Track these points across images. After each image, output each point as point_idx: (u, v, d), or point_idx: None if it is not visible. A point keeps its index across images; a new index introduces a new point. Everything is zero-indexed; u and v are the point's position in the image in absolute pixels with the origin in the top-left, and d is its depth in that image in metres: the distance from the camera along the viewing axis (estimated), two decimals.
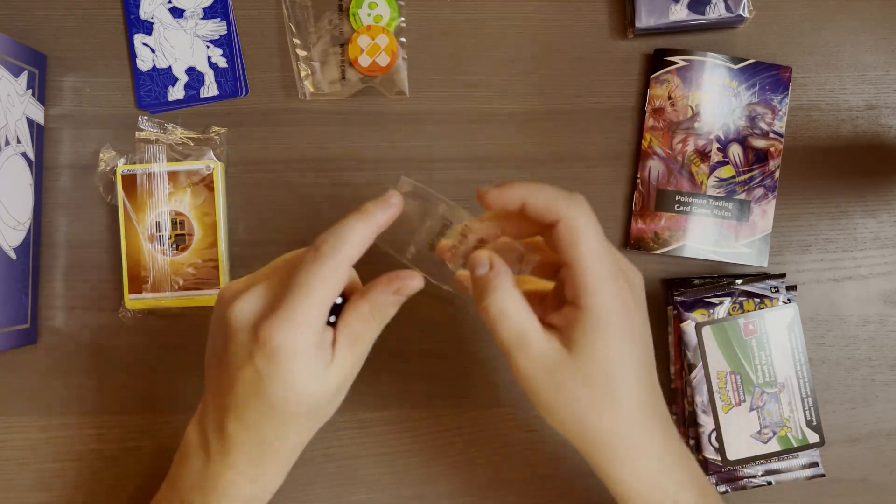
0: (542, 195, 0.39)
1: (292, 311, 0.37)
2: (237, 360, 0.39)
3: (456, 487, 0.54)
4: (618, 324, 0.38)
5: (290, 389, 0.38)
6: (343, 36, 0.55)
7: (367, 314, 0.40)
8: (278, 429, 0.40)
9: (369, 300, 0.40)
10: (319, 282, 0.38)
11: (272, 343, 0.37)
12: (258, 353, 0.37)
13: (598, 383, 0.38)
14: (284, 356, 0.37)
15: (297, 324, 0.37)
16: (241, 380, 0.39)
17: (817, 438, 0.51)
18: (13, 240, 0.52)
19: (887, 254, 0.54)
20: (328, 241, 0.39)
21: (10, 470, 0.54)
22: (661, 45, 0.55)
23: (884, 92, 0.55)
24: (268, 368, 0.37)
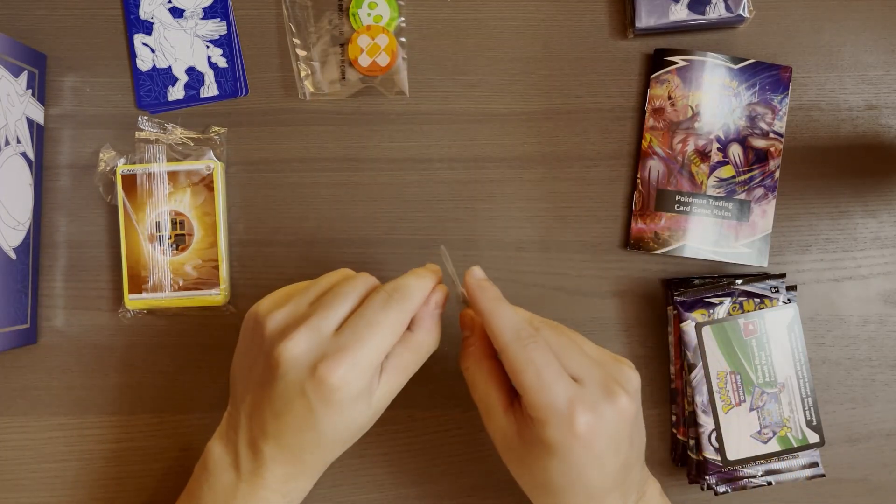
0: (494, 321, 0.41)
1: (357, 354, 0.38)
2: (288, 394, 0.39)
3: (456, 487, 0.54)
4: (564, 453, 0.39)
5: (340, 423, 0.40)
6: (343, 36, 0.55)
7: (419, 341, 0.42)
8: (319, 452, 0.41)
9: (417, 327, 0.42)
10: (388, 328, 0.39)
11: (330, 384, 0.38)
12: (315, 392, 0.38)
13: (541, 485, 0.41)
14: (343, 397, 0.38)
15: (359, 368, 0.38)
16: (290, 412, 0.39)
17: (817, 438, 0.51)
18: (13, 240, 0.52)
19: (887, 254, 0.54)
20: (400, 288, 0.41)
21: (10, 470, 0.54)
22: (661, 45, 0.55)
23: (884, 92, 0.55)
24: (324, 407, 0.39)
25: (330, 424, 0.39)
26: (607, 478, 0.40)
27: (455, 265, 0.55)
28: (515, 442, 0.41)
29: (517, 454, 0.41)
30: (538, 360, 0.39)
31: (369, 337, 0.39)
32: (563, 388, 0.38)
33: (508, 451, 0.42)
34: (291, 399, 0.39)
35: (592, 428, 0.38)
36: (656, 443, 0.54)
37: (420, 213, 0.55)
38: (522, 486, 0.43)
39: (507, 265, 0.55)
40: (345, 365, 0.38)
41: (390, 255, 0.55)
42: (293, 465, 0.41)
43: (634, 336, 0.54)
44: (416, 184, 0.55)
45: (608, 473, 0.40)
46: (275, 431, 0.41)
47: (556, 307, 0.54)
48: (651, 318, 0.54)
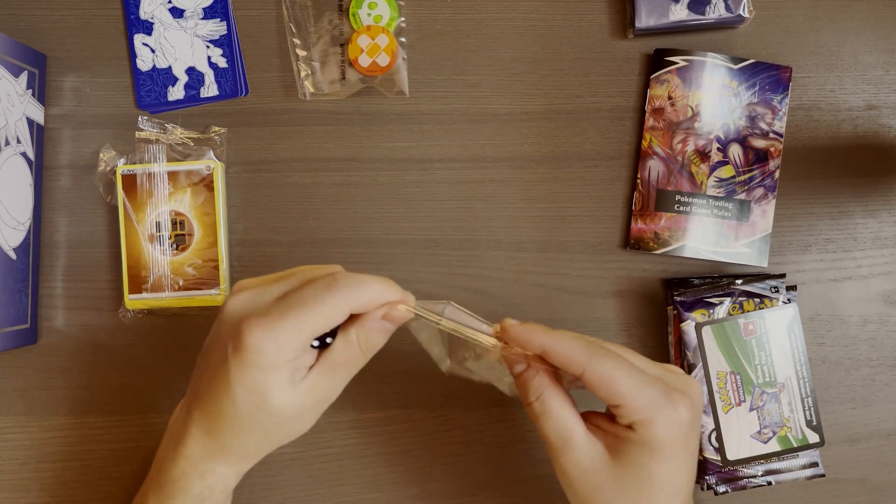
0: (560, 348, 0.39)
1: (279, 321, 0.37)
2: (217, 351, 0.39)
3: (456, 487, 0.54)
4: (672, 449, 0.39)
5: (252, 393, 0.38)
6: (343, 36, 0.55)
7: (353, 340, 0.40)
8: (236, 427, 0.40)
9: (357, 324, 0.40)
10: (320, 308, 0.38)
11: (246, 343, 0.37)
12: (231, 349, 0.38)
13: (634, 498, 0.39)
14: (254, 361, 0.37)
15: (278, 336, 0.37)
16: (215, 371, 0.39)
17: (817, 438, 0.51)
18: (13, 240, 0.52)
19: (887, 254, 0.54)
20: (349, 278, 0.39)
21: (10, 470, 0.54)
22: (661, 45, 0.55)
23: (884, 92, 0.55)
24: (236, 366, 0.38)
25: (242, 390, 0.38)
26: (693, 473, 0.41)
27: (455, 265, 0.55)
28: (605, 464, 0.39)
29: (607, 476, 0.39)
30: (623, 366, 0.39)
31: (296, 311, 0.37)
32: (656, 384, 0.39)
33: (593, 477, 0.39)
34: (219, 356, 0.39)
35: (691, 415, 0.39)
36: None
37: (420, 213, 0.55)
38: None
39: (507, 265, 0.55)
40: (263, 328, 0.37)
41: (390, 255, 0.55)
42: (213, 436, 0.40)
43: (634, 336, 0.54)
44: (416, 184, 0.55)
45: (693, 468, 0.41)
46: (203, 392, 0.40)
47: (556, 307, 0.54)
48: (651, 318, 0.54)
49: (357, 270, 0.54)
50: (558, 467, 0.41)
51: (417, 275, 0.55)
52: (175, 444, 0.42)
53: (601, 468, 0.39)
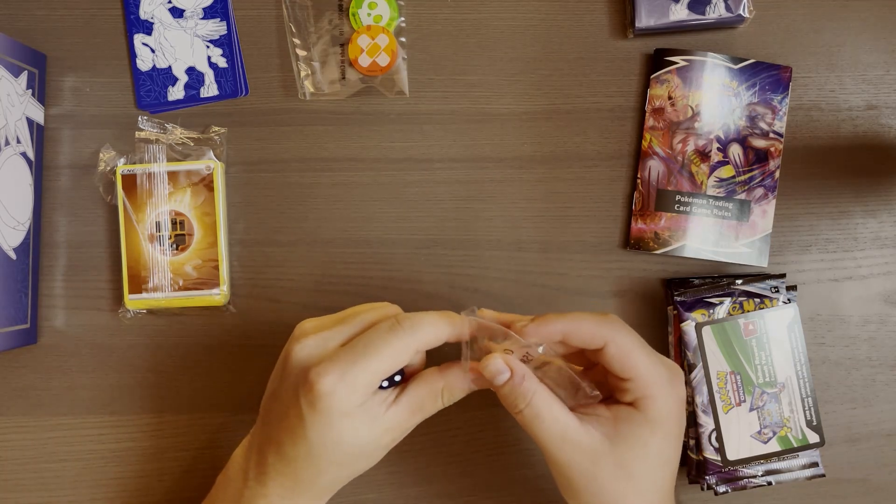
0: (582, 326, 0.41)
1: (349, 367, 0.39)
2: (287, 397, 0.40)
3: (456, 487, 0.54)
4: (669, 424, 0.42)
5: (328, 437, 0.40)
6: (343, 36, 0.55)
7: (438, 392, 0.42)
8: (313, 468, 0.41)
9: (446, 378, 0.42)
10: (388, 351, 0.39)
11: (317, 390, 0.39)
12: (303, 396, 0.39)
13: (633, 476, 0.41)
14: (327, 407, 0.39)
15: (348, 381, 0.39)
16: (287, 416, 0.40)
17: (817, 438, 0.51)
18: (13, 240, 0.52)
19: (887, 254, 0.54)
20: (411, 319, 0.41)
21: (10, 470, 0.54)
22: (661, 45, 0.55)
23: (884, 92, 0.55)
24: (310, 413, 0.39)
25: (318, 435, 0.40)
26: (679, 449, 0.44)
27: (455, 265, 0.55)
28: (605, 449, 0.41)
29: (607, 460, 0.41)
30: (638, 342, 0.42)
31: (364, 356, 0.39)
32: (663, 362, 0.42)
33: (594, 466, 0.41)
34: (289, 402, 0.40)
35: (684, 395, 0.43)
36: None
37: (420, 213, 0.55)
38: (586, 503, 0.42)
39: (507, 265, 0.55)
40: (333, 374, 0.39)
41: (390, 255, 0.55)
42: (291, 478, 0.42)
43: None
44: (416, 184, 0.55)
45: (680, 444, 0.44)
46: (276, 437, 0.41)
47: (556, 307, 0.54)
48: (651, 318, 0.54)
49: (357, 270, 0.55)
50: (556, 464, 0.41)
51: (417, 275, 0.55)
52: (254, 484, 0.43)
53: (601, 454, 0.41)
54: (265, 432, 0.43)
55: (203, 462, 0.54)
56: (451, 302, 0.54)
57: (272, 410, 0.42)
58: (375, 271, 0.55)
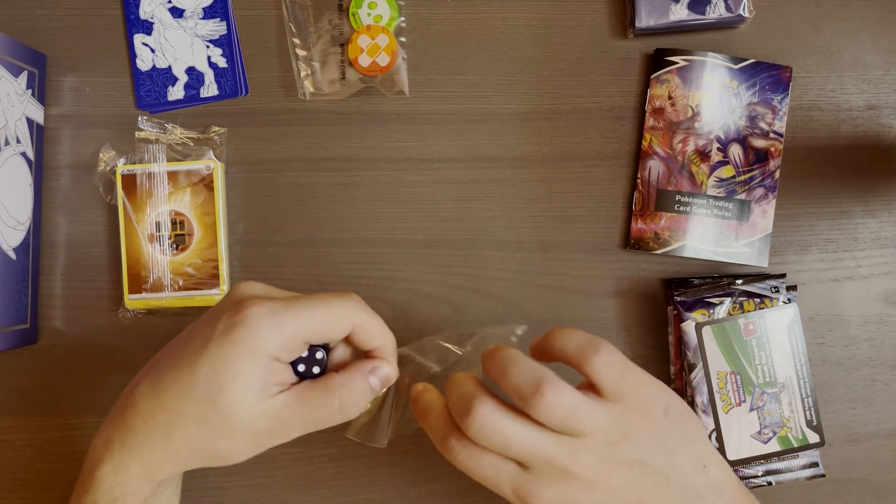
0: (570, 344, 0.40)
1: (283, 309, 0.36)
2: (203, 327, 0.37)
3: (456, 487, 0.54)
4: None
5: (215, 376, 0.35)
6: (343, 36, 0.55)
7: (335, 389, 0.38)
8: (174, 417, 0.36)
9: (342, 376, 0.38)
10: (326, 309, 0.37)
11: (243, 315, 0.35)
12: (225, 319, 0.36)
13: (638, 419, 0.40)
14: (241, 337, 0.35)
15: (277, 320, 0.36)
16: (188, 341, 0.37)
17: (817, 438, 0.51)
18: (13, 240, 0.52)
19: (887, 254, 0.54)
20: (360, 301, 0.39)
21: (10, 470, 0.54)
22: (661, 45, 0.55)
23: (884, 92, 0.55)
24: (220, 338, 0.35)
25: (207, 368, 0.35)
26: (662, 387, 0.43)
27: (455, 265, 0.55)
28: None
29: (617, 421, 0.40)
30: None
31: (303, 305, 0.37)
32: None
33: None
34: (200, 329, 0.37)
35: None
36: None
37: (420, 213, 0.55)
38: None
39: (507, 265, 0.55)
40: (265, 307, 0.36)
41: (390, 255, 0.55)
42: (146, 422, 0.37)
43: (634, 336, 0.54)
44: (416, 184, 0.55)
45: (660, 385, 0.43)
46: (161, 361, 0.38)
47: (556, 307, 0.54)
48: (651, 318, 0.54)
49: (357, 270, 0.55)
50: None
51: (417, 275, 0.55)
52: (109, 424, 0.39)
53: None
54: (154, 359, 0.39)
55: None
56: (451, 302, 0.54)
57: (179, 339, 0.38)
58: (375, 271, 0.55)
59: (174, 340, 0.40)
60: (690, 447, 0.41)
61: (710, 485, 0.41)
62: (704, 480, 0.41)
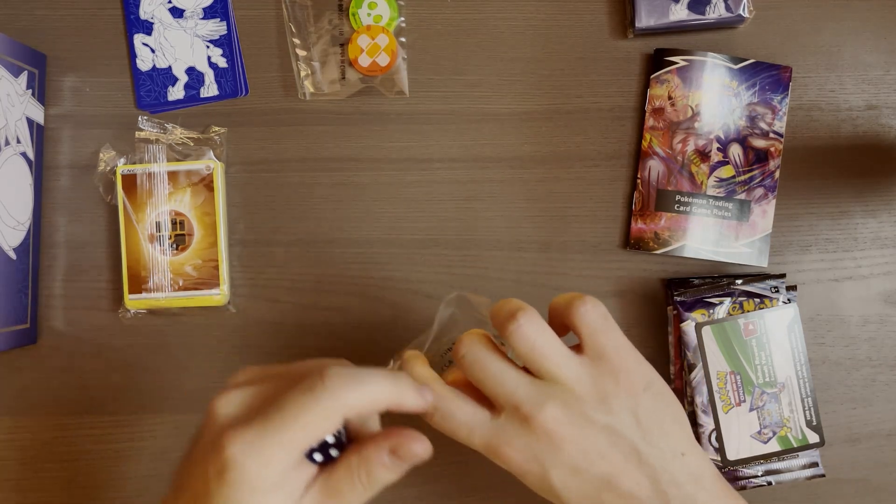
0: (563, 298, 0.40)
1: (260, 435, 0.33)
2: (197, 458, 0.34)
3: (456, 487, 0.54)
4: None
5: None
6: (343, 36, 0.55)
7: (354, 470, 0.35)
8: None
9: (358, 454, 0.35)
10: (301, 416, 0.33)
11: (225, 457, 0.32)
12: (212, 462, 0.33)
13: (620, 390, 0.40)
14: (235, 480, 0.32)
15: (260, 453, 0.32)
16: (191, 483, 0.34)
17: (817, 438, 0.51)
18: (13, 240, 0.52)
19: (887, 254, 0.54)
20: (339, 377, 0.34)
21: (10, 470, 0.54)
22: (661, 45, 0.55)
23: (884, 92, 0.55)
24: (216, 484, 0.33)
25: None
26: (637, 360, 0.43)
27: (455, 265, 0.55)
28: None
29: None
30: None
31: (277, 422, 0.33)
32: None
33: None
34: (197, 466, 0.34)
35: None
36: None
37: (420, 213, 0.55)
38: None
39: (507, 265, 0.55)
40: (243, 443, 0.32)
41: (390, 255, 0.55)
42: None
43: (634, 336, 0.54)
44: (416, 184, 0.55)
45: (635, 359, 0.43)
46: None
47: None
48: (651, 318, 0.54)
49: (357, 270, 0.55)
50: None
51: (417, 275, 0.55)
52: None
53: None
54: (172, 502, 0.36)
55: None
56: (450, 301, 0.54)
57: (181, 474, 0.35)
58: (375, 271, 0.55)
59: (179, 475, 0.36)
60: (669, 430, 0.40)
61: (688, 473, 0.39)
62: (681, 467, 0.39)
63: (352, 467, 0.35)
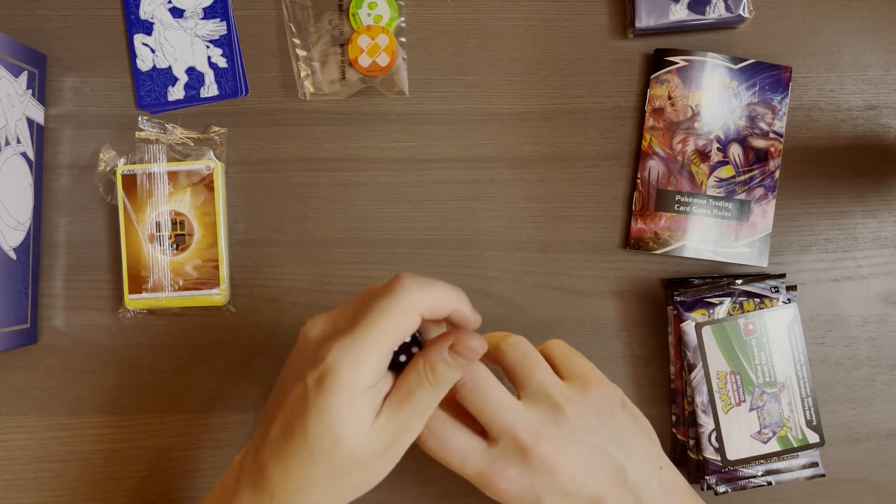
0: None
1: (353, 339, 0.35)
2: (290, 380, 0.37)
3: (456, 487, 0.54)
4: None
5: (327, 431, 0.35)
6: (343, 36, 0.55)
7: (421, 370, 0.37)
8: (305, 475, 0.37)
9: (425, 355, 0.37)
10: (385, 315, 0.36)
11: (326, 364, 0.35)
12: (310, 373, 0.36)
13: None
14: (335, 384, 0.35)
15: (353, 353, 0.35)
16: (286, 402, 0.37)
17: (817, 438, 0.51)
18: (13, 240, 0.52)
19: (887, 254, 0.54)
20: (413, 279, 0.37)
21: (10, 470, 0.54)
22: (661, 45, 0.55)
23: (884, 92, 0.55)
24: (315, 392, 0.35)
25: (318, 425, 0.35)
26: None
27: (455, 265, 0.55)
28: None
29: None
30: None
31: (365, 324, 0.36)
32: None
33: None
34: (292, 385, 0.37)
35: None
36: None
37: (420, 213, 0.55)
38: None
39: (507, 265, 0.55)
40: (339, 347, 0.35)
41: (390, 255, 0.55)
42: (281, 486, 0.37)
43: (634, 336, 0.54)
44: (416, 184, 0.55)
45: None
46: (271, 435, 0.37)
47: (556, 307, 0.54)
48: (651, 318, 0.54)
49: (357, 270, 0.55)
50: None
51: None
52: (245, 490, 0.38)
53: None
54: (263, 433, 0.38)
55: (203, 462, 0.54)
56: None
57: (275, 405, 0.38)
58: (375, 271, 0.55)
59: (269, 406, 0.39)
60: (647, 446, 0.42)
61: (663, 487, 0.42)
62: (658, 482, 0.42)
63: (419, 368, 0.37)
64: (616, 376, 0.54)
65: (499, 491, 0.40)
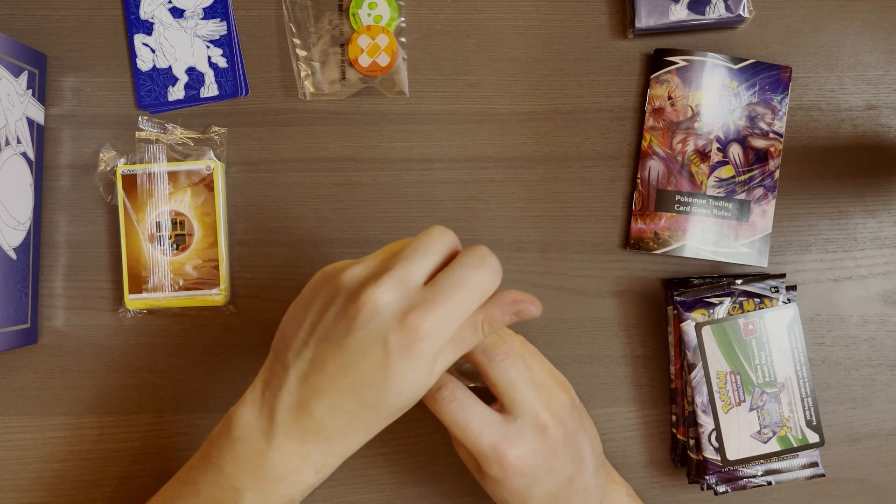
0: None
1: (447, 308, 0.36)
2: (364, 344, 0.37)
3: (456, 487, 0.54)
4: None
5: (407, 383, 0.37)
6: (343, 36, 0.55)
7: (478, 325, 0.39)
8: (369, 419, 0.39)
9: (485, 311, 0.39)
10: (478, 289, 0.37)
11: (420, 333, 0.36)
12: (400, 341, 0.36)
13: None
14: (424, 350, 0.36)
15: (448, 324, 0.36)
16: (360, 365, 0.37)
17: (817, 438, 0.51)
18: (13, 240, 0.52)
19: (887, 254, 0.55)
20: (493, 256, 0.38)
21: (10, 470, 0.54)
22: (661, 45, 0.55)
23: (884, 92, 0.55)
24: (401, 359, 0.36)
25: (398, 381, 0.37)
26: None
27: None
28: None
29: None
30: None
31: (459, 294, 0.36)
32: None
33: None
34: (366, 350, 0.37)
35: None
36: (656, 443, 0.54)
37: (420, 213, 0.55)
38: None
39: (507, 265, 0.55)
40: (435, 317, 0.36)
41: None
42: (339, 435, 0.39)
43: (634, 336, 0.54)
44: (416, 184, 0.55)
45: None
46: (334, 387, 0.38)
47: (556, 307, 0.54)
48: (651, 318, 0.54)
49: None
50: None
51: None
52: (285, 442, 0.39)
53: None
54: (309, 386, 0.38)
55: None
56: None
57: (326, 362, 0.38)
58: None
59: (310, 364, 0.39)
60: (594, 438, 0.47)
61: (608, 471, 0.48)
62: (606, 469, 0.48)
63: (475, 322, 0.39)
64: (616, 376, 0.54)
65: (506, 466, 0.42)
